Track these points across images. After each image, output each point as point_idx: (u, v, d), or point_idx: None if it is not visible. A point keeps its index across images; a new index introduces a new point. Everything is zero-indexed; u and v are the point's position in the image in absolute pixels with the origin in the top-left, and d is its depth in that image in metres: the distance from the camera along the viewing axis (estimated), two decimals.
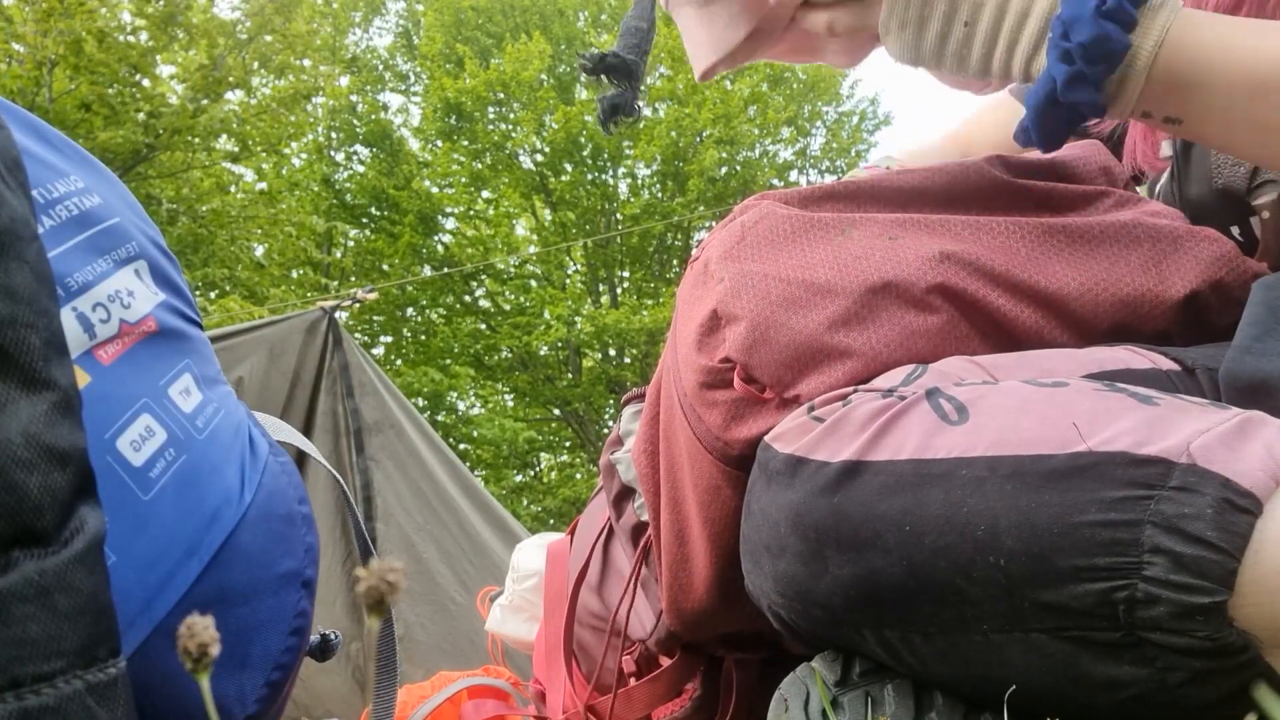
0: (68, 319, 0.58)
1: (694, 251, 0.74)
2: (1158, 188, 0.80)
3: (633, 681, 0.97)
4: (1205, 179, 0.74)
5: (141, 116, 7.60)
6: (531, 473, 12.12)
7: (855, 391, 0.57)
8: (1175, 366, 0.59)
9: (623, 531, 0.97)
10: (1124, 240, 0.66)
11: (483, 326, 11.27)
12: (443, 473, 2.76)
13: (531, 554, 1.56)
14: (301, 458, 1.95)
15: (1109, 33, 0.56)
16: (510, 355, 11.26)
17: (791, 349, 0.61)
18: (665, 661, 0.94)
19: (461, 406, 11.69)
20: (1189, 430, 0.45)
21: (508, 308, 11.38)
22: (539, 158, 11.23)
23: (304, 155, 11.33)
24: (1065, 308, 0.63)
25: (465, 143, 11.12)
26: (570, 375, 11.55)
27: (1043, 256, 0.65)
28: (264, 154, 9.96)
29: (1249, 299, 0.59)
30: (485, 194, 11.61)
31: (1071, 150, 0.78)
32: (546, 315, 10.65)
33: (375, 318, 11.27)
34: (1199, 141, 0.69)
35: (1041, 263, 0.65)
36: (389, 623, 0.86)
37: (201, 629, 0.30)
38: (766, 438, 0.58)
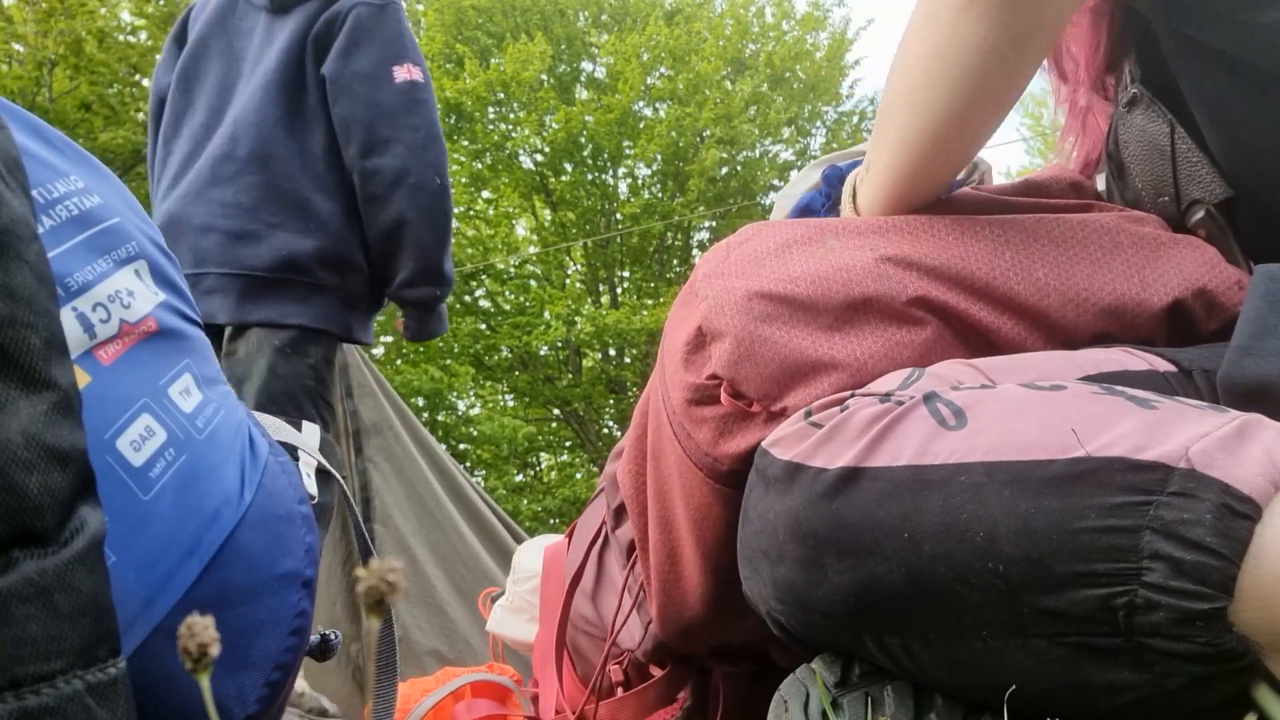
0: (67, 319, 0.58)
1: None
2: None
3: (620, 691, 0.98)
4: (1140, 208, 0.76)
5: (141, 116, 7.60)
6: (532, 472, 12.12)
7: (852, 396, 0.57)
8: (1172, 368, 0.59)
9: (619, 543, 0.97)
10: (1106, 247, 0.66)
11: (483, 326, 11.26)
12: (434, 478, 2.77)
13: (532, 555, 1.56)
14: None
15: None
16: (510, 355, 11.26)
17: (776, 363, 0.62)
18: (655, 670, 0.94)
19: (461, 406, 11.69)
20: (1188, 435, 0.45)
21: (508, 308, 11.38)
22: (539, 158, 11.23)
23: None
24: (1047, 318, 0.64)
25: (465, 143, 11.11)
26: (570, 375, 11.55)
27: (1026, 262, 0.65)
28: None
29: (1249, 288, 0.59)
30: (485, 194, 11.61)
31: (1041, 173, 0.80)
32: (546, 315, 10.65)
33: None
34: None
35: (1025, 269, 0.65)
36: (389, 623, 0.86)
37: (201, 629, 0.30)
38: (764, 443, 0.58)
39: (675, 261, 11.80)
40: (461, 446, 10.88)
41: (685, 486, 0.68)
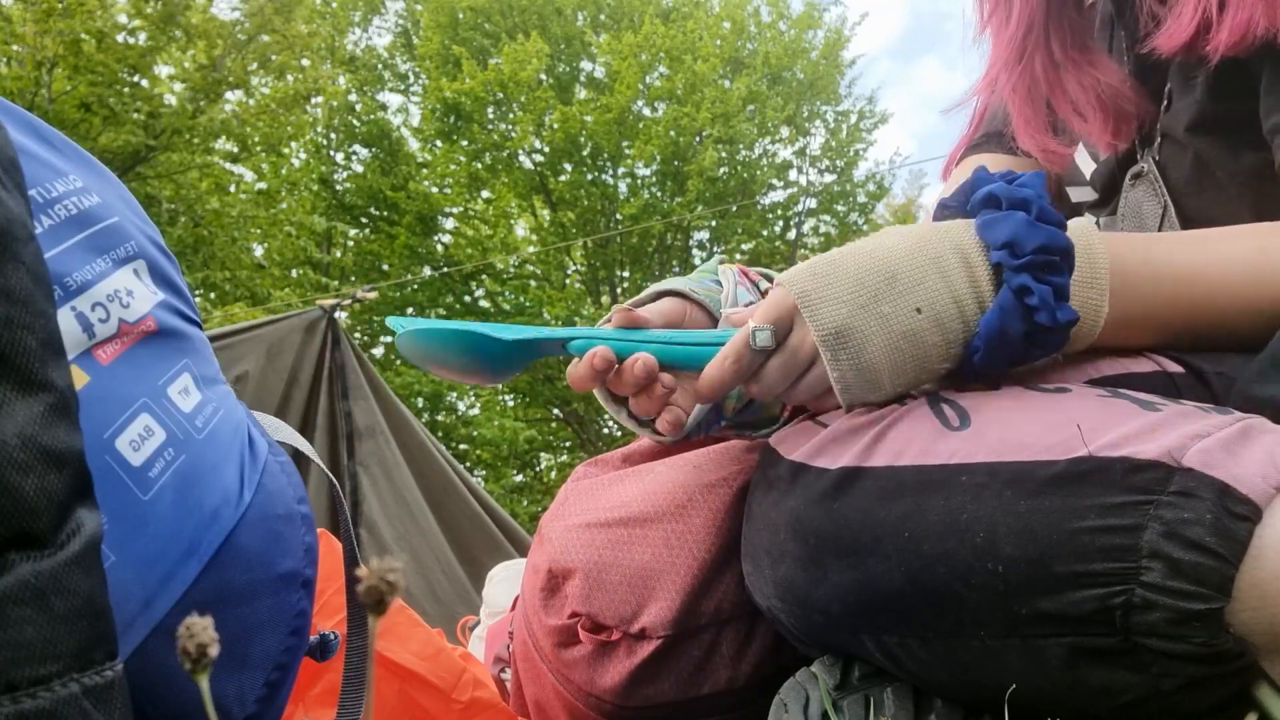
0: (66, 318, 0.57)
1: None
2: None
3: None
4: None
5: (140, 117, 7.60)
6: (532, 473, 12.12)
7: None
8: (1179, 369, 0.59)
9: None
10: None
11: None
12: (421, 484, 2.77)
13: (501, 588, 1.60)
14: (299, 457, 1.95)
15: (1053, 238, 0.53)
16: None
17: (624, 584, 0.64)
18: None
19: (461, 407, 11.69)
20: (1189, 436, 0.45)
21: (507, 308, 11.37)
22: (538, 158, 11.22)
23: (303, 155, 11.33)
24: None
25: (464, 143, 11.11)
26: None
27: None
28: (263, 154, 9.96)
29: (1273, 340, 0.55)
30: (485, 194, 11.60)
31: None
32: (546, 315, 10.64)
33: (375, 318, 11.27)
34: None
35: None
36: (361, 634, 0.85)
37: (201, 629, 0.30)
38: (770, 441, 0.58)
39: (675, 261, 11.79)
40: (461, 447, 10.88)
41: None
